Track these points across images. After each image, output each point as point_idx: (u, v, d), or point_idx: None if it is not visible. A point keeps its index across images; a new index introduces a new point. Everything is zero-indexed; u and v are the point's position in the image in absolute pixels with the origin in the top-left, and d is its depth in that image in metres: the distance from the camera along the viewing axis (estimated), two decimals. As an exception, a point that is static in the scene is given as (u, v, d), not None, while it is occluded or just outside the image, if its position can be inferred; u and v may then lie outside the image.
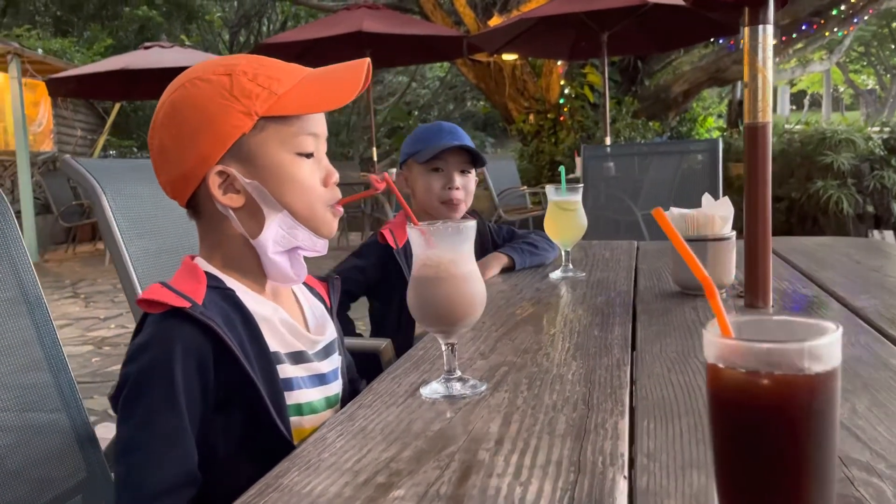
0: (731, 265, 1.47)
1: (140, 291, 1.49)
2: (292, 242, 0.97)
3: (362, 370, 1.80)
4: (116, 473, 0.86)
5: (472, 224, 0.96)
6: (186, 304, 0.85)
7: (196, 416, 0.86)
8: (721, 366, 0.50)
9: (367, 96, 8.43)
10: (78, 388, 1.32)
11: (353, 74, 0.96)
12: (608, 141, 6.60)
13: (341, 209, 1.02)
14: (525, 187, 8.00)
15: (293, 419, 0.96)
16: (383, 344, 1.59)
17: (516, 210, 7.60)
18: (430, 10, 9.61)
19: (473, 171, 1.94)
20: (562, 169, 1.87)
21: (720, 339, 0.50)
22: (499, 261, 1.87)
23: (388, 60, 9.06)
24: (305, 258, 1.02)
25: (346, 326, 1.77)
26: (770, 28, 1.29)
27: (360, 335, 1.87)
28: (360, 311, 1.94)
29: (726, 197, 1.50)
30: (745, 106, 1.32)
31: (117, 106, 11.34)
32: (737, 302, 1.41)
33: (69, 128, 11.56)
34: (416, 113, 16.39)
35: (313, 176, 0.98)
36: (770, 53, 1.29)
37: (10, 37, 10.80)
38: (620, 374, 1.00)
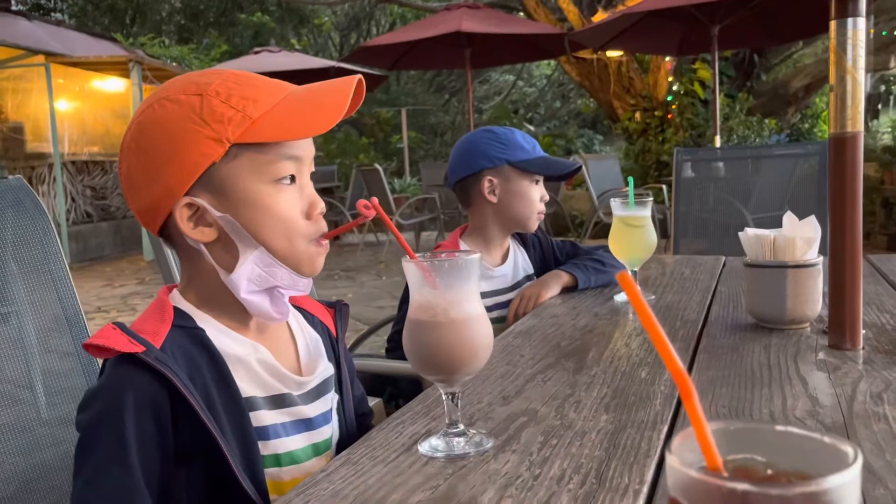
0: (815, 296, 1.27)
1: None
2: (270, 282, 0.87)
3: (410, 394, 1.69)
4: None
5: (474, 258, 0.83)
6: (138, 349, 0.77)
7: (154, 471, 0.78)
8: None
9: (468, 97, 8.36)
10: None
11: (340, 95, 0.85)
12: (718, 140, 6.23)
13: (327, 243, 0.91)
14: (627, 188, 7.68)
15: (271, 470, 0.87)
16: (426, 370, 1.48)
17: (618, 212, 7.29)
18: (532, 8, 9.41)
19: None
20: (630, 180, 1.70)
21: (681, 469, 0.36)
22: (559, 279, 1.72)
23: (489, 59, 8.96)
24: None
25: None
26: (862, 21, 1.09)
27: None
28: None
29: (812, 216, 1.30)
30: (831, 113, 1.12)
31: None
32: (821, 339, 1.21)
33: (188, 130, 12.10)
34: (522, 111, 16.20)
35: (294, 207, 0.87)
36: (862, 52, 1.09)
37: (135, 45, 11.45)
38: (653, 436, 0.86)
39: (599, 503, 0.70)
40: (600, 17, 8.36)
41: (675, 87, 8.96)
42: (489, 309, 1.76)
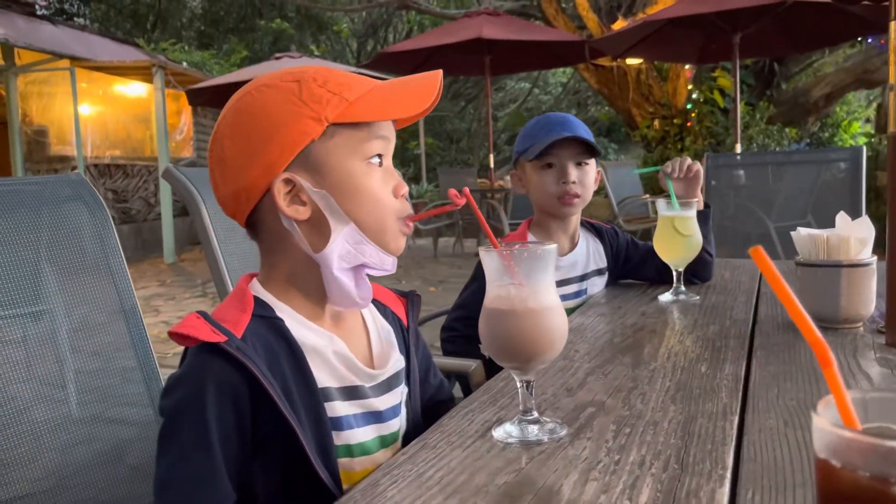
0: (869, 295, 1.27)
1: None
2: (359, 259, 0.89)
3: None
4: None
5: (552, 248, 0.85)
6: (221, 339, 0.78)
7: (233, 456, 0.80)
8: (836, 465, 0.38)
9: (487, 103, 8.40)
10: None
11: (427, 84, 0.90)
12: (738, 148, 6.22)
13: (412, 225, 0.94)
14: (647, 196, 7.69)
15: (343, 460, 0.88)
16: (472, 365, 1.50)
17: (637, 219, 7.32)
18: (552, 16, 9.45)
19: (593, 162, 1.77)
20: (669, 181, 1.72)
21: (834, 430, 0.38)
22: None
23: (509, 66, 8.99)
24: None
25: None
26: (923, 22, 1.10)
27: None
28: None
29: (865, 216, 1.31)
30: (890, 113, 1.13)
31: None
32: (876, 338, 1.22)
33: (207, 135, 12.18)
34: (538, 119, 16.20)
35: (385, 186, 0.91)
36: (922, 51, 1.10)
37: (157, 50, 11.57)
38: (726, 426, 0.87)
39: (686, 486, 0.71)
40: (620, 24, 8.38)
41: (694, 95, 8.97)
42: None
